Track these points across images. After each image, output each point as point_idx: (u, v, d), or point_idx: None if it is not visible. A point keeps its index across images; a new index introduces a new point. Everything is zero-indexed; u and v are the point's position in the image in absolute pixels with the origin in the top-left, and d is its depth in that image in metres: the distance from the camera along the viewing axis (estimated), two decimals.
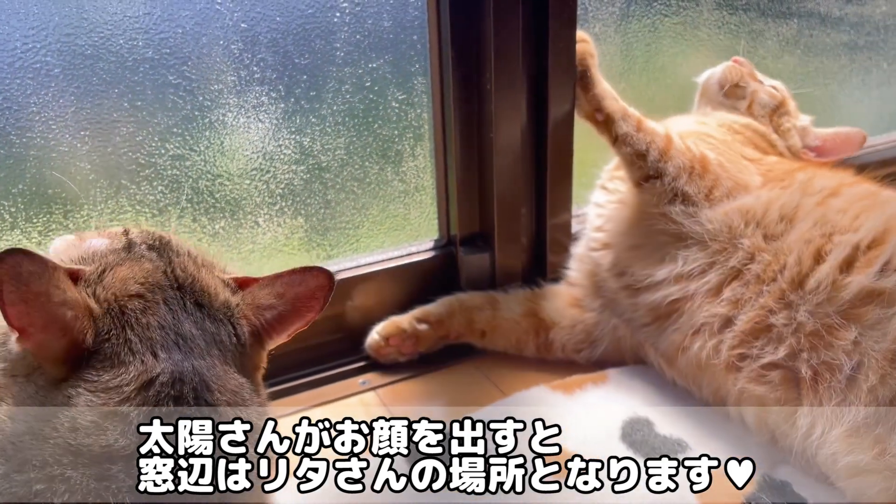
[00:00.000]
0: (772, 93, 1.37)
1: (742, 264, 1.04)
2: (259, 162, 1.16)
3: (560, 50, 1.22)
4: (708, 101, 1.40)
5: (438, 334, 1.24)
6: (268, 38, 1.10)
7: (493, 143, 1.24)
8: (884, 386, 0.85)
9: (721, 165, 1.14)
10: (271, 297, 0.77)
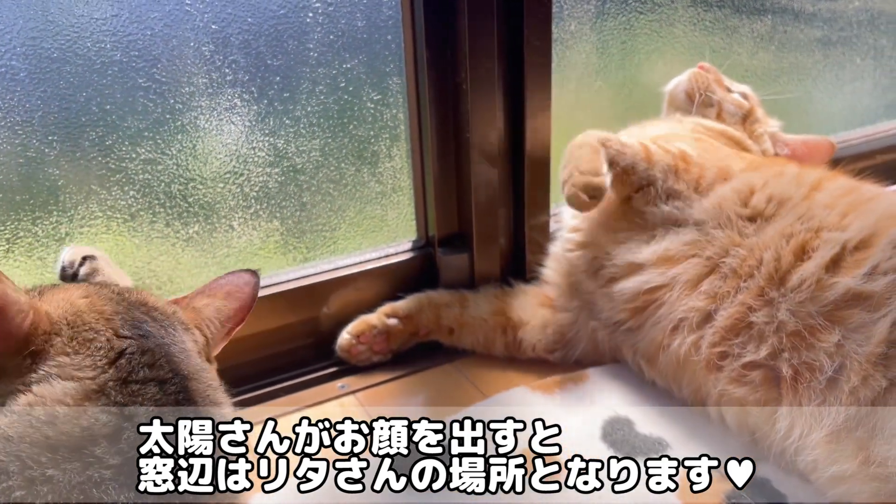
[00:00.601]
0: (738, 102, 1.38)
1: (718, 257, 1.04)
2: (233, 165, 1.14)
3: (536, 49, 1.22)
4: (676, 110, 1.40)
5: (408, 330, 1.23)
6: (239, 39, 1.08)
7: (469, 144, 1.23)
8: (865, 387, 0.84)
9: (702, 157, 1.15)
10: (204, 299, 0.85)
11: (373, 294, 1.29)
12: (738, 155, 1.22)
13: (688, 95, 1.38)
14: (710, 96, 1.36)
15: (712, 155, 1.17)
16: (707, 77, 1.39)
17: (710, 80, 1.39)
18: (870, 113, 1.89)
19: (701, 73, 1.39)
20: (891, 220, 0.95)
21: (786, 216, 1.03)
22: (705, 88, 1.36)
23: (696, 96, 1.36)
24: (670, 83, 1.43)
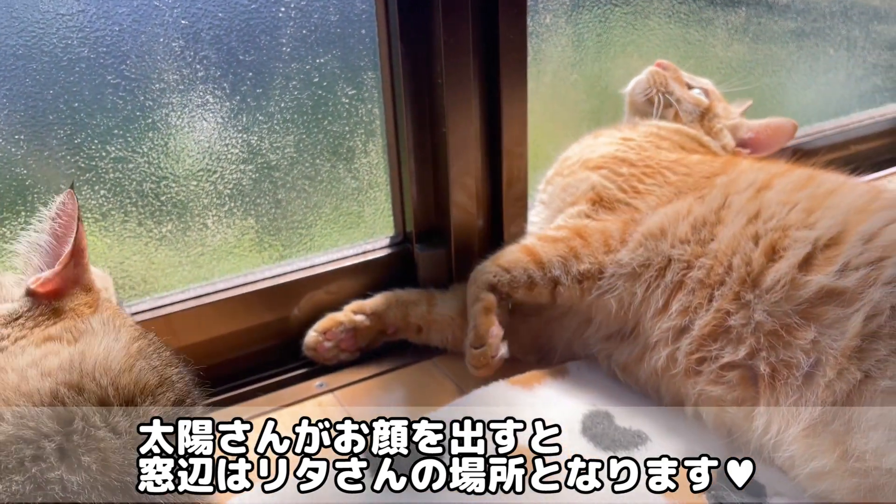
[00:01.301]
0: (697, 99, 1.37)
1: (682, 275, 1.04)
2: (206, 162, 1.13)
3: (511, 43, 1.21)
4: (636, 112, 1.40)
5: (376, 327, 1.22)
6: (210, 34, 1.06)
7: (446, 138, 1.22)
8: (841, 380, 0.85)
9: (613, 204, 1.16)
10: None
11: (350, 291, 1.27)
12: (677, 165, 1.20)
13: (646, 96, 1.37)
14: (668, 98, 1.35)
15: (627, 195, 1.16)
16: (665, 76, 1.38)
17: (668, 78, 1.38)
18: (843, 103, 1.91)
19: (659, 72, 1.38)
20: (858, 216, 0.96)
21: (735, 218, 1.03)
22: (664, 88, 1.36)
23: (656, 100, 1.35)
24: (629, 84, 1.42)
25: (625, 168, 1.19)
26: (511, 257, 1.15)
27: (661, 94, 1.36)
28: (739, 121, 1.40)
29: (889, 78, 1.96)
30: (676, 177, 1.16)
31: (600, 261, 1.10)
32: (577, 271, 1.10)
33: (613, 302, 1.08)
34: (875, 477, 0.80)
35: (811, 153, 1.79)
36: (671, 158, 1.21)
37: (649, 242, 1.08)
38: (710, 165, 1.18)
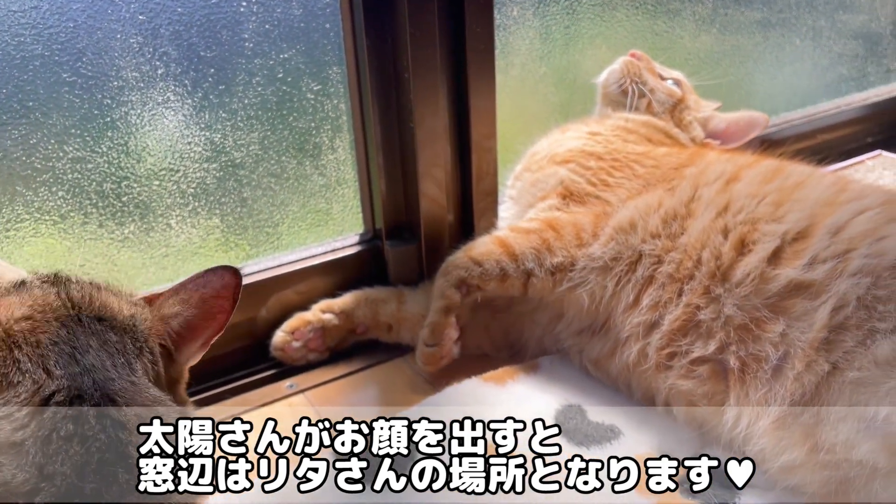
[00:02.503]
0: (670, 90, 1.36)
1: (653, 269, 1.03)
2: (168, 161, 1.10)
3: (478, 35, 1.20)
4: (609, 102, 1.38)
5: (345, 327, 1.20)
6: (169, 30, 1.04)
7: (414, 133, 1.21)
8: (809, 372, 0.85)
9: (583, 198, 1.15)
10: (176, 305, 0.75)
11: (320, 290, 1.26)
12: (644, 158, 1.19)
13: (619, 87, 1.35)
14: (642, 88, 1.34)
15: (596, 188, 1.15)
16: (639, 66, 1.37)
17: (642, 68, 1.37)
18: (810, 93, 1.92)
19: (633, 62, 1.37)
20: (825, 208, 0.96)
21: (705, 211, 1.03)
22: (638, 78, 1.35)
23: (630, 90, 1.34)
24: (602, 74, 1.41)
25: (593, 162, 1.18)
26: (483, 249, 1.13)
27: (635, 84, 1.34)
28: (711, 113, 1.39)
29: (854, 67, 1.98)
30: (644, 169, 1.16)
31: (573, 254, 1.09)
32: (550, 264, 1.09)
33: (585, 296, 1.07)
34: (845, 469, 0.80)
35: (779, 143, 1.80)
36: (638, 151, 1.20)
37: (620, 236, 1.07)
38: (678, 157, 1.18)
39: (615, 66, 1.38)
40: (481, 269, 1.11)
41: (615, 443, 1.00)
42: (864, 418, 0.79)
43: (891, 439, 0.77)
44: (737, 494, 0.90)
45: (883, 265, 0.86)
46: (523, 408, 1.06)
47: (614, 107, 1.37)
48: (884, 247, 0.88)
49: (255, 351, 1.20)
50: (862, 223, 0.92)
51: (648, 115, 1.33)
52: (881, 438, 0.78)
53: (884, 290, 0.85)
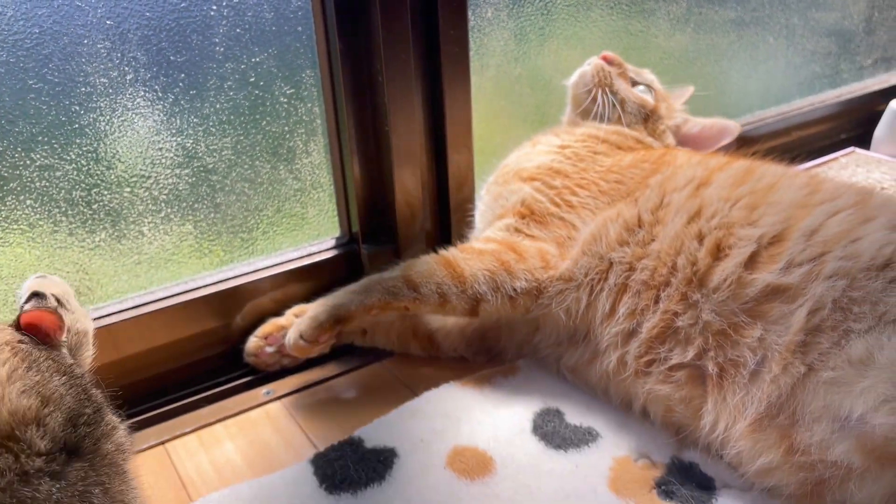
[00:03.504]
0: (642, 100, 1.31)
1: (625, 277, 1.03)
2: (139, 168, 1.09)
3: (452, 37, 1.19)
4: (578, 106, 1.33)
5: None
6: (138, 35, 1.02)
7: (389, 136, 1.20)
8: (785, 374, 0.85)
9: (545, 218, 1.12)
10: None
11: (296, 295, 1.25)
12: (608, 173, 1.17)
13: (590, 96, 1.30)
14: (612, 98, 1.29)
15: (560, 208, 1.13)
16: (609, 73, 1.31)
17: (613, 75, 1.31)
18: (784, 91, 1.93)
19: (603, 68, 1.31)
20: (800, 211, 0.96)
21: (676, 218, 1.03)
22: (609, 87, 1.30)
23: (600, 99, 1.28)
24: (573, 76, 1.36)
25: (558, 180, 1.16)
26: (424, 269, 1.08)
27: (605, 94, 1.29)
28: (683, 118, 1.37)
29: (827, 65, 2.00)
30: (608, 185, 1.14)
31: (538, 277, 1.06)
32: (511, 288, 1.05)
33: (561, 313, 1.06)
34: (821, 470, 0.81)
35: (754, 140, 1.82)
36: (605, 165, 1.18)
37: (589, 248, 1.06)
38: (641, 168, 1.16)
39: (585, 69, 1.34)
40: (415, 295, 1.06)
41: (593, 445, 1.00)
42: (839, 418, 0.80)
43: (865, 439, 0.77)
44: (714, 496, 0.91)
45: (858, 267, 0.87)
46: (501, 412, 1.06)
47: (584, 114, 1.32)
48: (858, 248, 0.88)
49: (229, 358, 1.19)
50: (836, 225, 0.92)
51: (618, 126, 1.29)
52: (855, 438, 0.78)
53: (859, 291, 0.85)
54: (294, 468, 0.97)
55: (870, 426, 0.77)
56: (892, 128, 1.88)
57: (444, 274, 1.07)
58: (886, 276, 0.85)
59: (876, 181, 1.72)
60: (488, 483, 0.93)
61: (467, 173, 1.31)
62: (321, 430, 1.06)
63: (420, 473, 0.95)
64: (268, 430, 1.08)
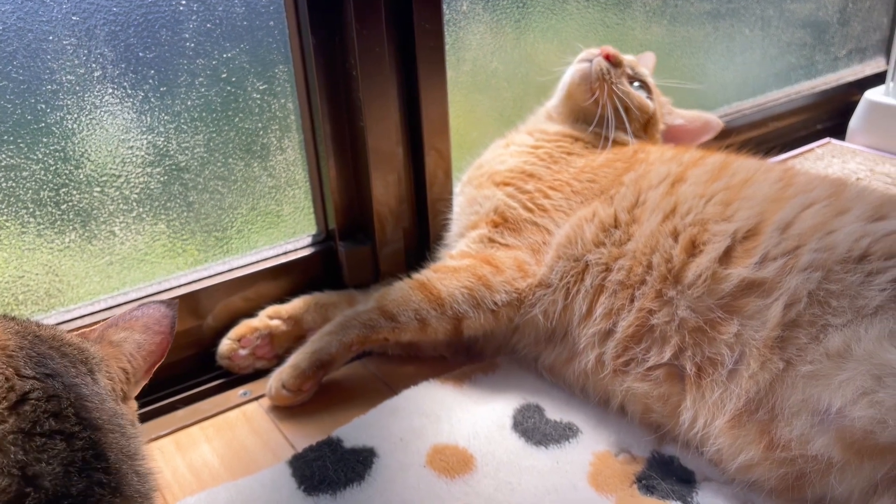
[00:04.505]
0: (643, 104, 1.25)
1: (601, 278, 1.02)
2: (109, 167, 1.06)
3: (427, 31, 1.18)
4: (574, 108, 1.26)
5: (294, 332, 1.18)
6: (105, 31, 1.00)
7: (365, 132, 1.19)
8: (764, 371, 0.85)
9: (518, 224, 1.11)
10: (121, 331, 0.77)
11: (272, 294, 1.24)
12: (581, 173, 1.15)
13: (592, 95, 1.22)
14: (622, 114, 1.22)
15: (533, 214, 1.11)
16: (612, 78, 1.22)
17: (617, 76, 1.23)
18: (760, 82, 1.94)
19: (607, 73, 1.22)
20: (774, 204, 0.96)
21: (652, 216, 1.02)
22: (618, 100, 1.21)
23: (608, 116, 1.21)
24: (568, 72, 1.28)
25: (531, 184, 1.15)
26: (398, 296, 1.07)
27: (612, 97, 1.21)
28: (668, 110, 1.35)
29: (803, 56, 2.01)
30: (581, 184, 1.13)
31: (518, 287, 1.05)
32: (491, 302, 1.05)
33: (539, 316, 1.06)
34: (801, 464, 0.81)
35: (732, 132, 1.82)
36: (578, 166, 1.16)
37: (564, 251, 1.06)
38: (615, 167, 1.14)
39: (585, 67, 1.25)
40: (393, 324, 1.05)
41: (573, 441, 0.99)
42: (818, 412, 0.80)
43: (844, 433, 0.77)
44: (694, 489, 0.91)
45: (833, 259, 0.86)
46: (481, 409, 1.05)
47: (581, 117, 1.25)
48: (833, 240, 0.88)
49: (202, 360, 1.17)
50: (810, 217, 0.92)
51: (620, 133, 1.23)
52: (835, 432, 0.78)
53: (835, 284, 0.85)
54: (272, 470, 0.95)
55: (848, 419, 0.77)
56: (866, 118, 1.90)
57: (420, 298, 1.06)
58: (864, 268, 0.85)
59: (851, 172, 1.74)
60: (469, 481, 0.92)
61: (445, 169, 1.30)
62: (299, 430, 1.05)
63: (400, 473, 0.94)
64: (245, 431, 1.06)
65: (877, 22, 2.14)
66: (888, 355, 0.77)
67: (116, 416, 0.65)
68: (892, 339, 0.79)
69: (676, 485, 0.92)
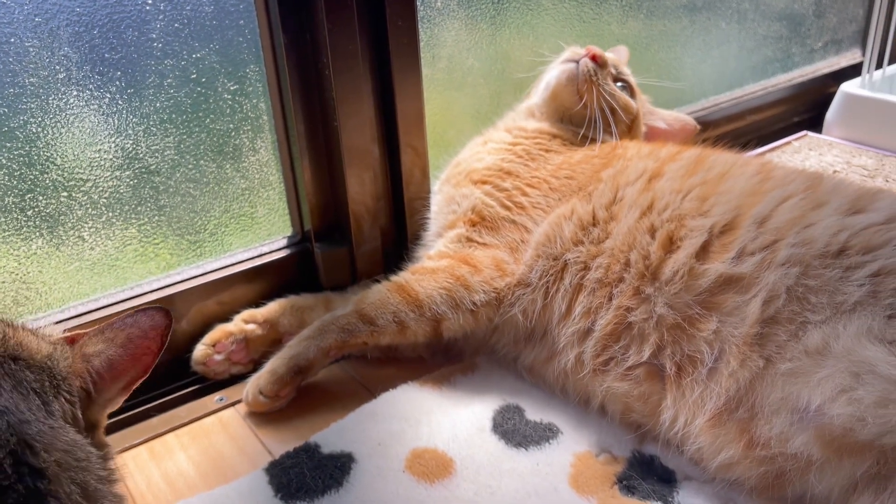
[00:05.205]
0: (627, 104, 1.23)
1: (580, 277, 1.01)
2: (76, 171, 1.04)
3: (400, 28, 1.16)
4: (562, 109, 1.24)
5: (270, 336, 1.16)
6: (69, 32, 0.97)
7: (339, 131, 1.17)
8: (744, 368, 0.84)
9: (496, 223, 1.10)
10: (100, 343, 0.71)
11: (248, 297, 1.22)
12: (558, 170, 1.14)
13: (580, 98, 1.20)
14: (608, 118, 1.19)
15: (510, 212, 1.10)
16: (599, 81, 1.20)
17: (608, 85, 1.21)
18: (737, 75, 1.94)
19: (593, 76, 1.20)
20: (750, 198, 0.95)
21: (629, 212, 1.01)
22: (606, 104, 1.19)
23: (597, 120, 1.18)
24: (553, 72, 1.25)
25: (509, 182, 1.14)
26: (376, 299, 1.05)
27: (600, 99, 1.19)
28: (648, 110, 1.33)
29: (779, 48, 2.01)
30: (559, 181, 1.12)
31: (496, 287, 1.05)
32: (470, 302, 1.04)
33: (519, 315, 1.05)
34: (781, 462, 0.80)
35: (710, 125, 1.82)
36: (555, 163, 1.15)
37: (543, 250, 1.05)
38: (592, 164, 1.13)
39: (571, 67, 1.22)
40: (371, 328, 1.04)
41: (554, 442, 0.98)
42: (797, 410, 0.79)
43: (824, 430, 0.77)
44: (675, 489, 0.90)
45: (811, 254, 0.86)
46: (461, 411, 1.04)
47: (571, 120, 1.23)
48: (811, 234, 0.88)
49: (176, 366, 1.14)
50: (787, 211, 0.91)
51: (606, 135, 1.20)
52: (814, 430, 0.78)
53: (814, 279, 0.84)
54: (248, 478, 0.94)
55: (828, 417, 0.77)
56: (842, 111, 1.90)
57: (398, 300, 1.05)
58: (842, 263, 0.84)
59: (828, 164, 1.74)
60: (448, 485, 0.91)
61: (421, 167, 1.28)
62: (277, 435, 1.03)
63: (378, 478, 0.92)
64: (221, 438, 1.05)
65: (852, 13, 2.15)
66: (866, 352, 0.77)
67: (75, 450, 0.62)
68: (871, 336, 0.78)
69: (657, 484, 0.91)
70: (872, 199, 0.92)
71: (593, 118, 1.20)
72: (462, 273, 1.06)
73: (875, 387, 0.75)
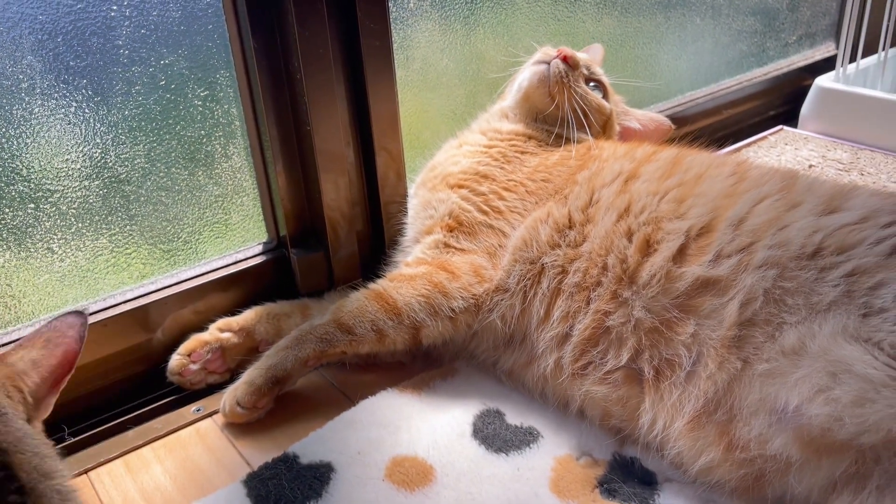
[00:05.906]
0: (600, 105, 1.22)
1: (558, 281, 1.01)
2: (43, 182, 1.02)
3: (372, 30, 1.15)
4: (534, 111, 1.23)
5: (246, 345, 1.14)
6: (31, 40, 0.95)
7: (312, 135, 1.16)
8: (722, 371, 0.84)
9: (473, 227, 1.09)
10: (19, 350, 0.75)
11: (223, 305, 1.20)
12: (535, 172, 1.13)
13: (553, 100, 1.19)
14: (581, 118, 1.18)
15: (487, 217, 1.09)
16: (572, 83, 1.19)
17: (579, 87, 1.20)
18: (713, 71, 1.94)
19: (564, 75, 1.19)
20: (727, 200, 0.95)
21: (606, 215, 1.01)
22: (578, 105, 1.18)
23: (569, 121, 1.17)
24: (525, 73, 1.24)
25: (485, 185, 1.13)
26: (354, 307, 1.04)
27: (571, 100, 1.18)
28: (623, 110, 1.32)
29: (754, 43, 2.01)
30: (535, 184, 1.11)
31: (475, 293, 1.04)
32: (448, 308, 1.03)
33: (497, 320, 1.04)
34: (760, 465, 0.80)
35: (686, 121, 1.82)
36: (531, 165, 1.15)
37: (520, 254, 1.04)
38: (568, 166, 1.12)
39: (542, 69, 1.21)
40: (350, 337, 1.03)
41: (534, 446, 0.98)
42: (776, 411, 0.79)
43: (802, 431, 0.77)
44: (656, 491, 0.90)
45: (788, 255, 0.86)
46: (441, 417, 1.03)
47: (545, 120, 1.22)
48: (786, 236, 0.88)
49: (152, 377, 1.13)
50: (763, 212, 0.91)
51: (581, 135, 1.19)
52: (792, 431, 0.78)
53: (790, 281, 0.84)
54: (226, 491, 0.93)
55: (806, 417, 0.77)
56: (817, 105, 1.91)
57: (376, 309, 1.04)
58: (817, 264, 0.84)
59: (804, 159, 1.75)
60: (428, 493, 0.90)
61: (396, 170, 1.27)
62: (255, 446, 1.02)
63: (358, 488, 0.91)
64: (199, 449, 1.03)
65: (826, 7, 2.16)
66: (842, 351, 0.77)
67: (27, 437, 0.66)
68: (846, 335, 0.78)
69: (638, 487, 0.91)
70: (846, 198, 0.92)
71: (566, 119, 1.19)
72: (440, 280, 1.05)
73: (852, 386, 0.75)
